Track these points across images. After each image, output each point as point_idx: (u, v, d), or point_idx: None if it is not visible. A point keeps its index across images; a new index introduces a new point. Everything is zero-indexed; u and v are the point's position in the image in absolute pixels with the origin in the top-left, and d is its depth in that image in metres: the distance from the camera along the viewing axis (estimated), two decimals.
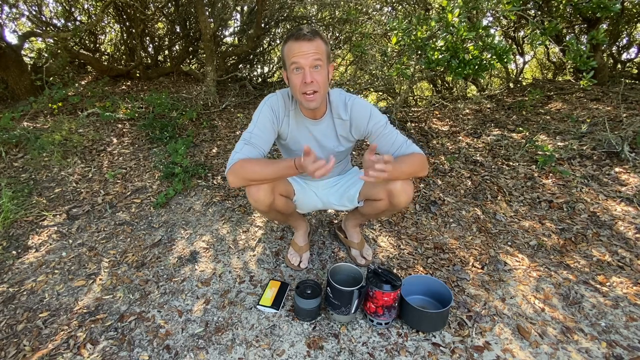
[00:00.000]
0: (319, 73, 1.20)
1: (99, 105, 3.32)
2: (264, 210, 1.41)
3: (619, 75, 4.27)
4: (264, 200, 1.34)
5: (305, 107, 1.27)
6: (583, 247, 1.82)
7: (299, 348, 1.29)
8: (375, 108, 1.36)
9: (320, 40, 1.20)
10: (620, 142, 2.45)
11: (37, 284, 1.58)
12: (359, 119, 1.35)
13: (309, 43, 1.17)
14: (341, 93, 1.38)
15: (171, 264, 1.70)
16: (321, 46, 1.20)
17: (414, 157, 1.32)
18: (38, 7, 4.28)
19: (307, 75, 1.18)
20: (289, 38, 1.20)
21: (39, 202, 2.15)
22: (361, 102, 1.36)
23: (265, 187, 1.32)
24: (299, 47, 1.17)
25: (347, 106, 1.35)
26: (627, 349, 1.29)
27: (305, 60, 1.17)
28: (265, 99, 1.37)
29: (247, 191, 1.34)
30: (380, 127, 1.34)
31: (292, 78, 1.22)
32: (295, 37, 1.18)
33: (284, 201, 1.46)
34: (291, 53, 1.19)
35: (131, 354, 1.26)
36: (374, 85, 3.99)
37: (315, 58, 1.18)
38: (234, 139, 3.06)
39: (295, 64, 1.19)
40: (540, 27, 2.41)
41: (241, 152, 1.26)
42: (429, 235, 1.96)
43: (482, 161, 2.64)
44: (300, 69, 1.19)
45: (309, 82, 1.18)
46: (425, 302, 1.48)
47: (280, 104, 1.35)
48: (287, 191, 1.49)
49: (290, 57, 1.19)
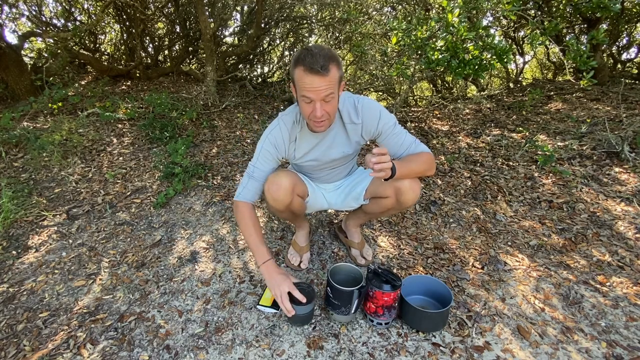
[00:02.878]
0: (329, 105, 1.16)
1: (99, 105, 3.32)
2: (280, 209, 1.42)
3: (619, 75, 4.27)
4: (284, 200, 1.35)
5: (314, 131, 1.28)
6: (583, 247, 1.82)
7: (299, 348, 1.29)
8: (383, 108, 1.34)
9: (334, 70, 1.11)
10: (620, 142, 2.45)
11: (37, 284, 1.58)
12: (369, 120, 1.33)
13: (322, 78, 1.09)
14: (348, 97, 1.35)
15: (171, 264, 1.70)
16: (335, 76, 1.12)
17: (422, 156, 1.32)
18: (38, 7, 4.28)
19: (317, 110, 1.14)
20: (301, 64, 1.10)
21: (39, 202, 2.15)
22: (370, 102, 1.34)
23: (286, 187, 1.33)
24: (310, 82, 1.10)
25: (357, 109, 1.33)
26: (627, 349, 1.29)
27: (317, 96, 1.12)
28: (267, 132, 1.36)
29: (267, 189, 1.35)
30: (390, 127, 1.33)
31: (302, 105, 1.18)
32: (309, 69, 1.08)
33: (300, 202, 1.47)
34: (302, 84, 1.12)
35: (131, 354, 1.26)
36: (374, 85, 3.99)
37: (328, 94, 1.12)
38: (234, 139, 3.06)
39: (306, 98, 1.14)
40: (540, 27, 2.41)
41: (245, 188, 1.38)
42: (429, 235, 1.96)
43: (482, 161, 2.64)
44: (312, 101, 1.14)
45: (319, 116, 1.16)
46: (425, 302, 1.48)
47: (285, 135, 1.34)
48: (303, 192, 1.48)
49: (301, 88, 1.13)
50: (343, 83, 1.25)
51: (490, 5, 2.35)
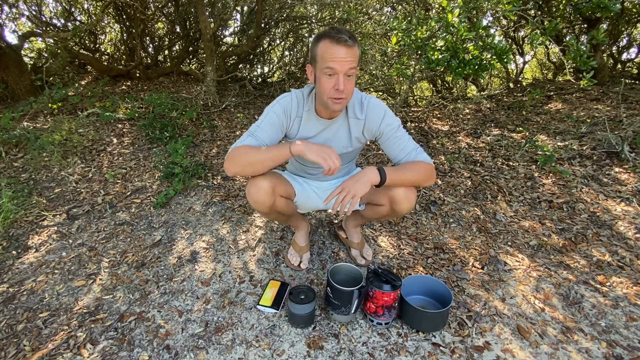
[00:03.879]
0: (350, 82, 1.17)
1: (99, 105, 3.32)
2: (265, 212, 1.41)
3: (619, 75, 4.27)
4: (265, 201, 1.34)
5: (330, 108, 1.23)
6: (583, 247, 1.82)
7: (299, 348, 1.29)
8: (389, 110, 1.34)
9: (357, 47, 1.15)
10: (620, 142, 2.45)
11: (37, 284, 1.58)
12: (372, 118, 1.33)
13: (348, 49, 1.11)
14: (357, 92, 1.35)
15: (171, 264, 1.70)
16: (358, 53, 1.16)
17: (420, 166, 1.31)
18: (38, 7, 4.28)
19: (340, 83, 1.13)
20: (326, 37, 1.13)
21: (39, 202, 2.15)
22: (377, 101, 1.34)
23: (266, 189, 1.31)
24: (337, 52, 1.11)
25: (363, 105, 1.33)
26: (627, 349, 1.29)
27: (342, 67, 1.12)
28: (279, 98, 1.34)
29: (247, 193, 1.34)
30: (392, 129, 1.32)
31: (323, 81, 1.17)
32: (336, 39, 1.11)
33: (285, 202, 1.46)
34: (327, 55, 1.12)
35: (131, 354, 1.26)
36: (374, 85, 3.99)
37: (351, 67, 1.13)
38: (234, 139, 3.06)
39: (331, 69, 1.13)
40: (540, 27, 2.41)
41: (244, 141, 1.26)
42: (429, 235, 1.96)
43: (482, 161, 2.64)
44: (334, 74, 1.14)
45: (341, 89, 1.14)
46: (425, 302, 1.48)
47: (294, 105, 1.32)
48: (287, 192, 1.48)
49: (325, 59, 1.13)
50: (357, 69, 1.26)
51: (490, 5, 2.35)
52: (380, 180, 1.25)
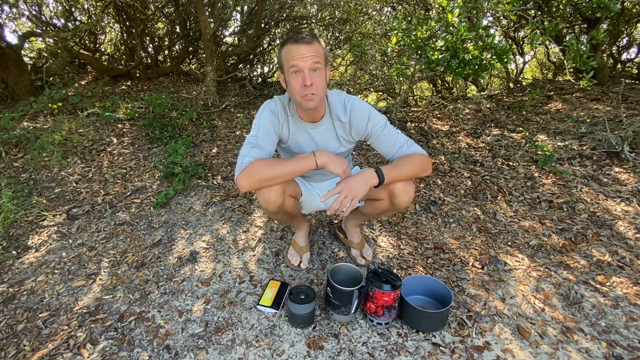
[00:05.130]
0: (317, 76, 1.20)
1: (99, 105, 3.32)
2: (274, 211, 1.41)
3: (619, 75, 4.27)
4: (275, 201, 1.34)
5: (304, 107, 1.25)
6: (583, 247, 1.82)
7: (299, 348, 1.29)
8: (373, 109, 1.35)
9: (318, 44, 1.20)
10: (620, 142, 2.45)
11: (37, 284, 1.58)
12: (358, 121, 1.34)
13: (308, 46, 1.17)
14: (340, 95, 1.37)
15: (171, 264, 1.70)
16: (320, 49, 1.20)
17: (414, 158, 1.32)
18: (38, 7, 4.28)
19: (306, 78, 1.17)
20: (287, 41, 1.20)
21: (39, 202, 2.15)
22: (360, 103, 1.35)
23: (277, 189, 1.32)
24: (297, 50, 1.17)
25: (346, 108, 1.35)
26: (627, 349, 1.29)
27: (305, 63, 1.17)
28: (264, 104, 1.37)
29: (258, 193, 1.34)
30: (380, 127, 1.34)
31: (291, 81, 1.21)
32: (294, 40, 1.18)
33: (293, 202, 1.47)
34: (290, 56, 1.18)
35: (131, 354, 1.26)
36: (374, 85, 3.99)
37: (315, 61, 1.18)
38: (234, 139, 3.06)
39: (295, 67, 1.18)
40: (540, 27, 2.41)
41: (250, 154, 1.23)
42: (429, 235, 1.96)
43: (482, 161, 2.64)
44: (300, 72, 1.18)
45: (308, 84, 1.18)
46: (425, 302, 1.48)
47: (280, 108, 1.35)
48: (295, 192, 1.49)
49: (289, 60, 1.19)
50: (329, 68, 1.29)
51: (490, 5, 2.35)
52: (379, 181, 1.26)
